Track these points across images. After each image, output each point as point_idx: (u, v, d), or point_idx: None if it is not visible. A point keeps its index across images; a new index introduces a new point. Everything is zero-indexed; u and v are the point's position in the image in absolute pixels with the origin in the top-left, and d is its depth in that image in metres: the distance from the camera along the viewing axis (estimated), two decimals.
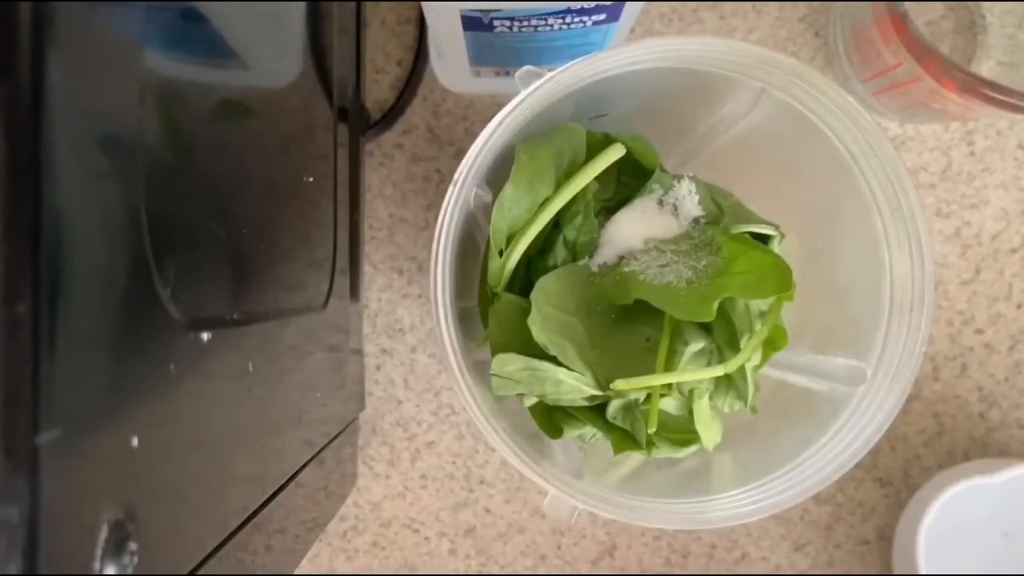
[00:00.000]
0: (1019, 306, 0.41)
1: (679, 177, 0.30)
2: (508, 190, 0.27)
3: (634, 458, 0.31)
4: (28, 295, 0.12)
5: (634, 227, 0.30)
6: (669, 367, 0.28)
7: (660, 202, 0.30)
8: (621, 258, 0.30)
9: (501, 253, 0.28)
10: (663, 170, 0.31)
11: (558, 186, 0.28)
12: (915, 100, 0.35)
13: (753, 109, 0.29)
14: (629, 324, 0.29)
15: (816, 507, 0.43)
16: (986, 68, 0.38)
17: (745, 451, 0.31)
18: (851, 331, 0.29)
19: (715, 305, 0.26)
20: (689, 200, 0.30)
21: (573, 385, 0.27)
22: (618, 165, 0.29)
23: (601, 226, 0.30)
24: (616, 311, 0.29)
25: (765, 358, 0.29)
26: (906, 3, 0.31)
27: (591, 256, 0.30)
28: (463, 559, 0.44)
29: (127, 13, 0.16)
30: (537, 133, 0.28)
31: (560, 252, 0.30)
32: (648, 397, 0.28)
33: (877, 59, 0.35)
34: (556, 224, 0.30)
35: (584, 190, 0.29)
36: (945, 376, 0.42)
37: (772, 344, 0.29)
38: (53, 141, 0.12)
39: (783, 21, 0.40)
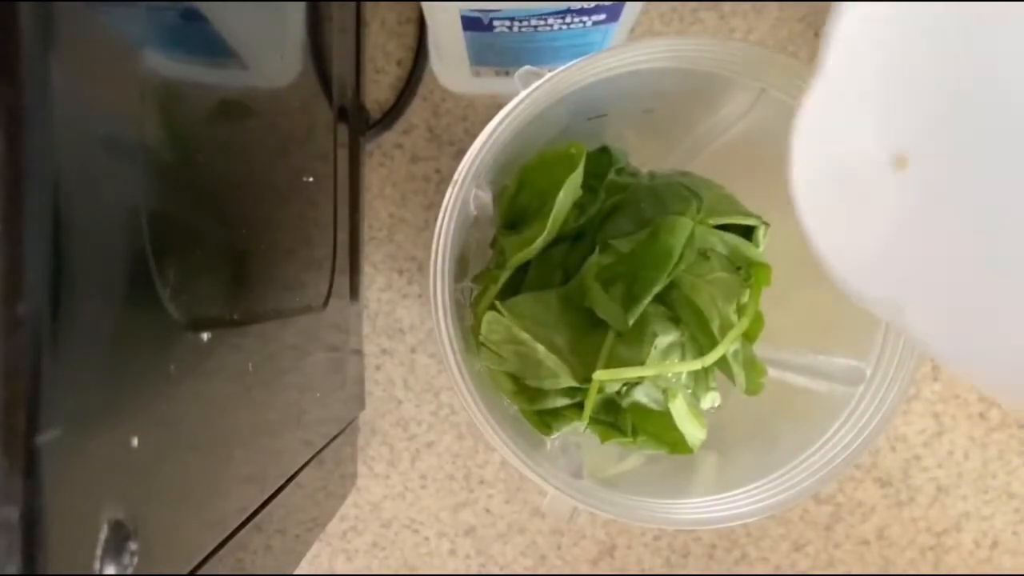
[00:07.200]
0: None
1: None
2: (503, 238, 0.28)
3: (633, 458, 0.31)
4: (28, 295, 0.12)
5: None
6: (639, 357, 0.28)
7: None
8: None
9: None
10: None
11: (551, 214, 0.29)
12: None
13: (752, 109, 0.29)
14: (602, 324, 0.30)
15: (816, 507, 0.43)
16: None
17: (745, 451, 0.31)
18: (851, 331, 0.29)
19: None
20: None
21: (552, 369, 0.27)
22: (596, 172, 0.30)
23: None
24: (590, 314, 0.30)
25: (744, 345, 0.30)
26: None
27: None
28: (463, 559, 0.44)
29: (127, 13, 0.16)
30: (538, 160, 0.29)
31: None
32: (626, 389, 0.28)
33: None
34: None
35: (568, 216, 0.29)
36: (945, 376, 0.42)
37: (748, 336, 0.29)
38: (53, 141, 0.12)
39: (783, 21, 0.40)
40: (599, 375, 0.27)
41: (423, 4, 0.29)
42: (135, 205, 0.16)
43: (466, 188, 0.26)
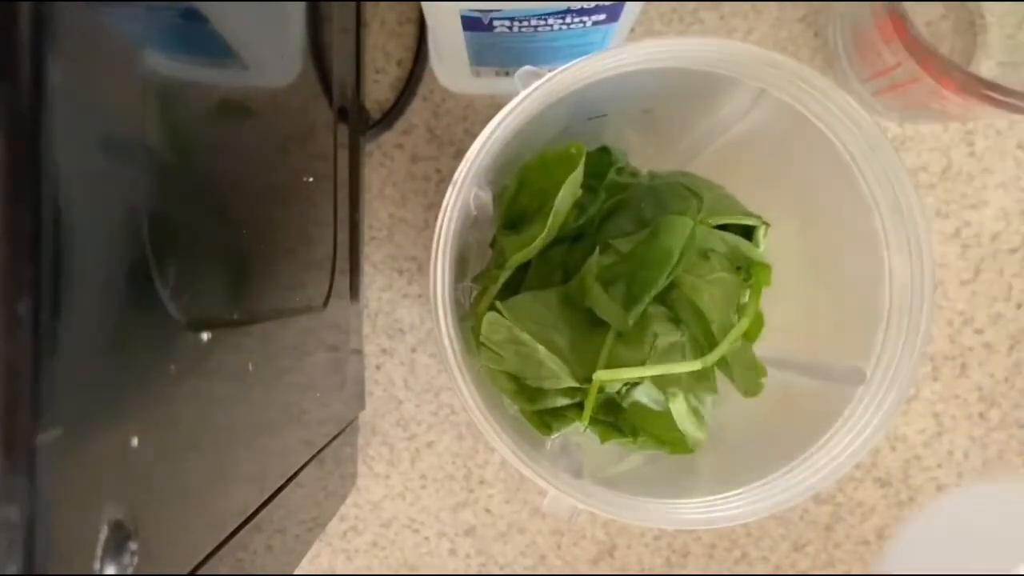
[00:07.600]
0: (1019, 306, 0.41)
1: None
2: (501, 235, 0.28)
3: (633, 458, 0.31)
4: (28, 295, 0.12)
5: None
6: (640, 358, 0.28)
7: None
8: None
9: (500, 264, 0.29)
10: None
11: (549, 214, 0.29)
12: (915, 100, 0.35)
13: (752, 109, 0.29)
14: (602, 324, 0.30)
15: (816, 507, 0.43)
16: (986, 68, 0.38)
17: (745, 451, 0.31)
18: (851, 331, 0.29)
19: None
20: None
21: (552, 370, 0.27)
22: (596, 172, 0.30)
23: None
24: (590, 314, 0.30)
25: (744, 346, 0.30)
26: (906, 3, 0.31)
27: None
28: (463, 559, 0.44)
29: (127, 13, 0.16)
30: (538, 160, 0.29)
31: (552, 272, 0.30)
32: (627, 389, 0.28)
33: (877, 59, 0.35)
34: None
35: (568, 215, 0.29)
36: (945, 376, 0.42)
37: (748, 336, 0.29)
38: (53, 141, 0.12)
39: (783, 21, 0.40)
40: (599, 375, 0.27)
41: (423, 4, 0.29)
42: (135, 205, 0.16)
43: (466, 188, 0.26)
